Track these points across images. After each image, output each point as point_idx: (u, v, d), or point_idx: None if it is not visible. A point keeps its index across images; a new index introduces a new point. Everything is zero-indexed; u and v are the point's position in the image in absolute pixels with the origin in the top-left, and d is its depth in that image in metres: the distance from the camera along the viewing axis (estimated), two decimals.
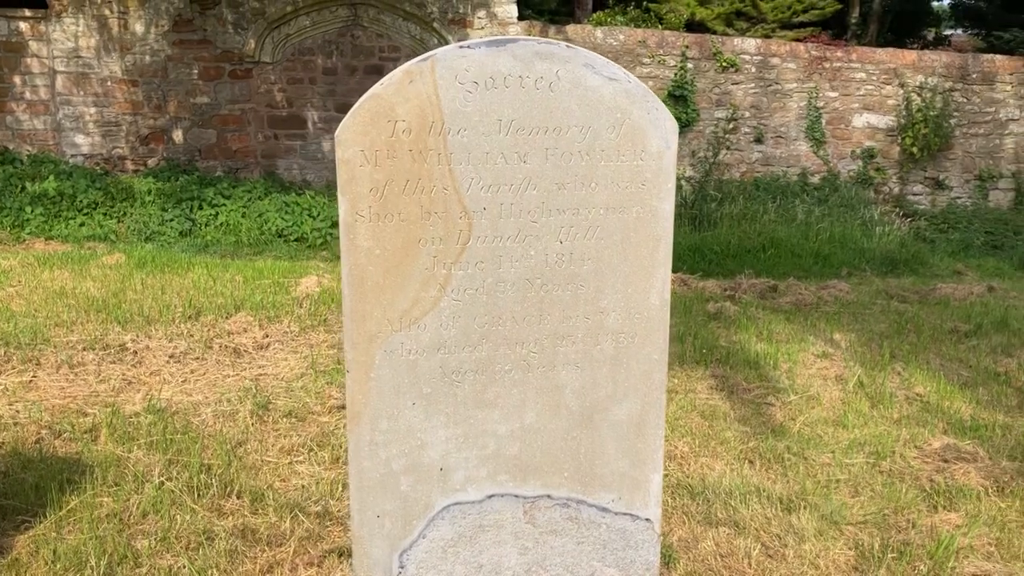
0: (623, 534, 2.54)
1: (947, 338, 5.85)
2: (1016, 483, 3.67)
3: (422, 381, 2.32)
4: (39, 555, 2.78)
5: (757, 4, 20.35)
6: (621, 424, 2.46)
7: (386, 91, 2.15)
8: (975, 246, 10.40)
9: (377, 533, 2.39)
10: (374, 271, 2.23)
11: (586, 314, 2.37)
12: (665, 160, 2.32)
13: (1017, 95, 11.76)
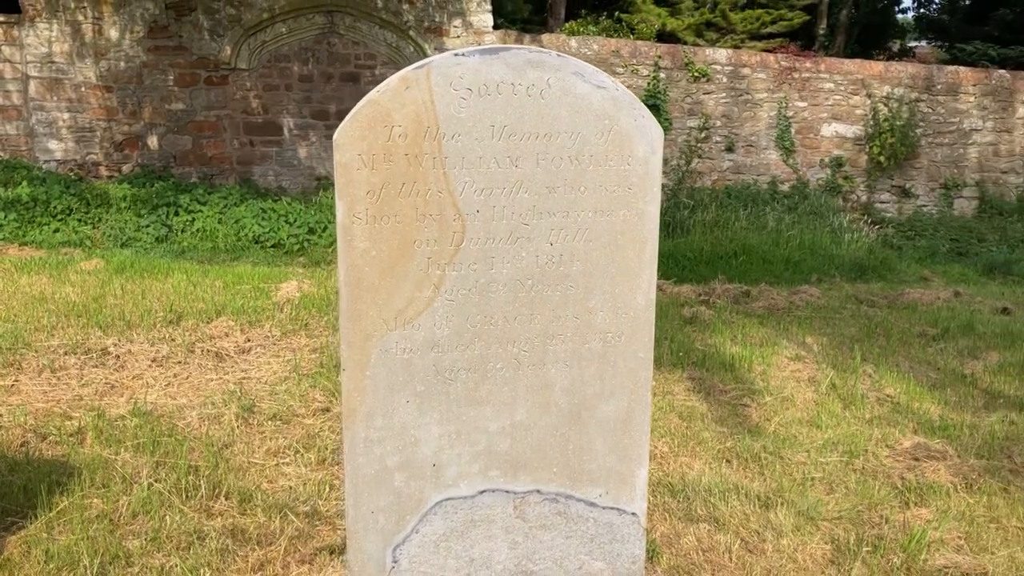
0: (610, 528, 2.61)
1: (915, 341, 6.00)
2: (983, 480, 3.79)
3: (416, 379, 2.39)
4: (31, 555, 2.81)
5: (727, 15, 20.64)
6: (608, 420, 2.54)
7: (383, 97, 2.22)
8: (941, 253, 10.62)
9: (371, 528, 2.45)
10: (370, 272, 2.30)
11: (575, 314, 2.45)
12: (651, 165, 2.41)
13: (980, 106, 12.03)
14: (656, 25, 19.71)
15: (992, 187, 12.16)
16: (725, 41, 20.27)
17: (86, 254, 7.51)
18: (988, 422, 4.52)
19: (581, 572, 2.62)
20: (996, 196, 12.13)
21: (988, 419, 4.57)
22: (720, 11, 20.51)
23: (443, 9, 10.46)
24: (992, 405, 4.81)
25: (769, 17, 20.95)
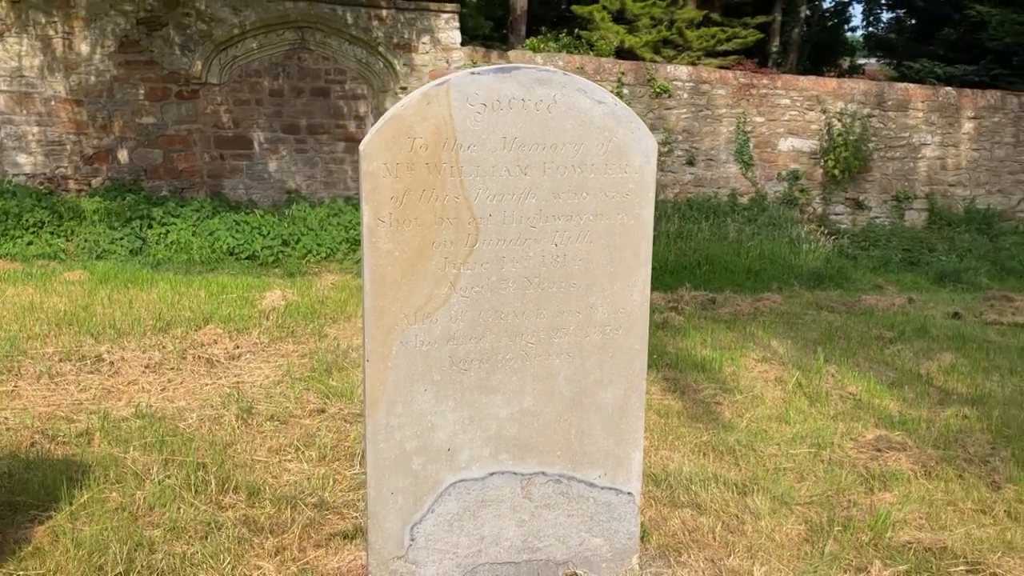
0: (608, 507, 2.84)
1: (873, 344, 6.33)
2: (941, 468, 4.09)
3: (433, 369, 2.59)
4: (59, 544, 2.96)
5: (684, 33, 21.08)
6: (607, 407, 2.77)
7: (406, 111, 2.43)
8: (894, 262, 11.05)
9: (391, 508, 2.64)
10: (393, 271, 2.50)
11: (577, 309, 2.67)
12: (646, 173, 2.65)
13: (928, 121, 12.53)
14: (615, 42, 20.06)
15: (941, 199, 12.66)
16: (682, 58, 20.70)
17: (63, 266, 7.59)
18: (943, 416, 4.83)
19: (582, 548, 2.84)
20: (944, 208, 12.63)
21: (943, 414, 4.88)
22: (677, 29, 20.94)
23: (412, 26, 10.68)
24: (946, 401, 5.13)
25: (724, 35, 21.42)
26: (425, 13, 10.79)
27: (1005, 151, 12.90)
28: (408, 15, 10.72)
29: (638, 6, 21.16)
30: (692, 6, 21.63)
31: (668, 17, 21.38)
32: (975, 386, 5.43)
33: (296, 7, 10.31)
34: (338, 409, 4.41)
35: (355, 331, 5.76)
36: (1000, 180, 12.95)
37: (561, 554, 2.82)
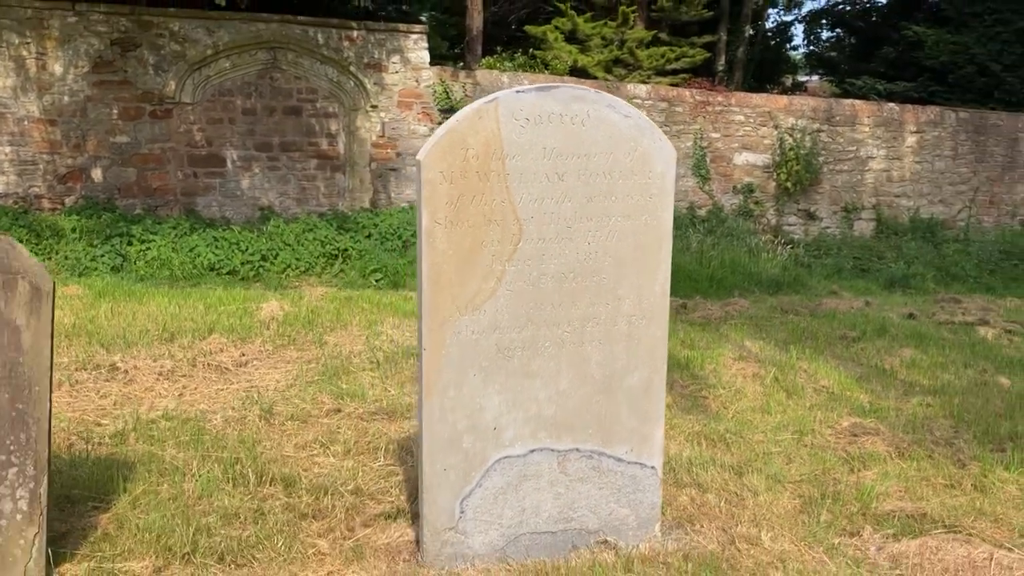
0: (634, 480, 3.15)
1: (839, 342, 6.75)
2: (912, 449, 4.46)
3: (482, 356, 2.89)
4: (124, 529, 3.17)
5: (634, 52, 21.63)
6: (633, 389, 3.08)
7: (460, 125, 2.74)
8: (846, 270, 11.59)
9: (444, 484, 2.93)
10: (447, 268, 2.80)
11: (607, 301, 2.99)
12: (667, 179, 2.98)
13: (874, 135, 13.16)
14: (568, 61, 20.54)
15: (887, 210, 13.28)
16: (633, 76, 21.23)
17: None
18: (909, 405, 5.24)
19: (611, 518, 3.14)
20: (891, 218, 13.25)
21: (909, 403, 5.29)
22: (628, 48, 21.47)
23: (382, 47, 10.96)
24: (910, 392, 5.54)
25: (673, 54, 22.01)
26: (395, 34, 11.08)
27: (945, 163, 13.58)
28: (378, 35, 11.00)
29: (589, 27, 21.67)
30: (641, 26, 22.19)
31: (618, 37, 21.90)
32: (935, 378, 5.87)
33: (268, 28, 10.54)
34: (353, 408, 4.66)
35: (354, 338, 6.00)
36: (941, 191, 13.62)
37: (593, 523, 3.13)
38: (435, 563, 2.95)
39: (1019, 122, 14.11)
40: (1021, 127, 14.03)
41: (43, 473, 2.71)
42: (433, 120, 11.28)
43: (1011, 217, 13.94)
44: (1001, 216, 13.91)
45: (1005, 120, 14.03)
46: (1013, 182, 13.99)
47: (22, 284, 2.63)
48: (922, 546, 3.22)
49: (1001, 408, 5.23)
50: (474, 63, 20.05)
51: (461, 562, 2.97)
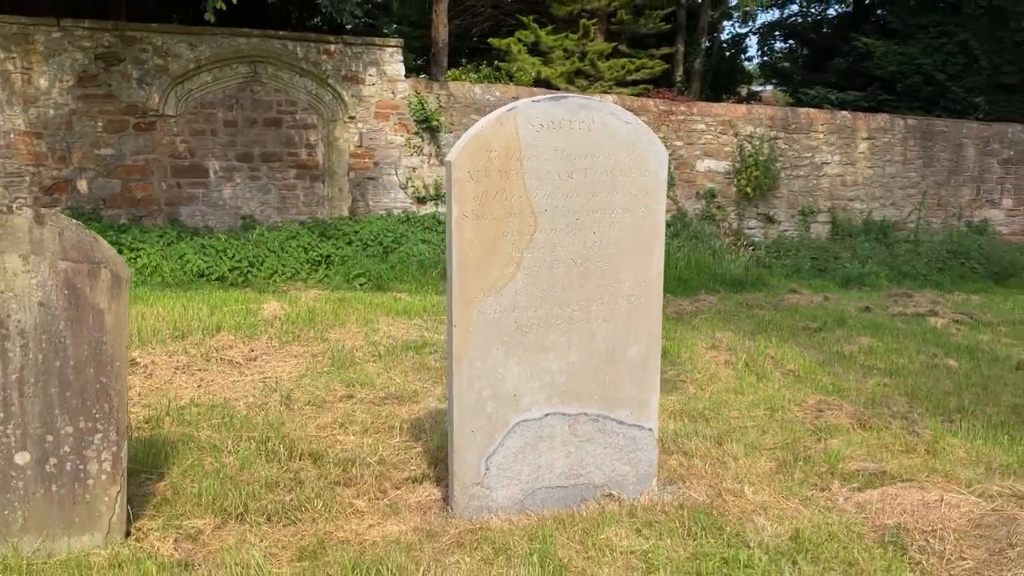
0: (633, 440, 3.59)
1: (801, 333, 7.27)
2: (872, 421, 4.95)
3: (503, 333, 3.31)
4: (180, 495, 3.55)
5: (596, 64, 22.19)
6: (632, 361, 3.53)
7: (485, 131, 3.17)
8: (804, 269, 12.17)
9: (471, 444, 3.35)
10: (474, 255, 3.22)
11: (609, 283, 3.44)
12: (660, 177, 3.44)
13: (828, 142, 13.80)
14: (532, 73, 21.05)
15: (841, 213, 13.92)
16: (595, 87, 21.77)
17: None
18: (868, 385, 5.75)
19: (614, 474, 3.58)
20: (845, 220, 13.89)
21: (868, 383, 5.80)
22: (589, 60, 22.03)
23: (359, 59, 11.34)
24: (869, 374, 6.06)
25: (633, 66, 22.61)
26: (371, 47, 11.47)
27: (895, 168, 14.27)
28: (355, 49, 11.38)
29: (551, 39, 22.19)
30: (601, 39, 22.77)
31: (580, 49, 22.44)
32: (890, 362, 6.40)
33: (249, 42, 10.87)
34: (364, 395, 5.05)
35: (353, 335, 6.39)
36: (892, 194, 14.30)
37: (599, 479, 3.56)
38: (464, 514, 3.37)
39: (963, 128, 14.86)
40: (965, 133, 14.79)
41: (123, 439, 3.09)
42: (409, 130, 11.68)
43: (957, 219, 14.67)
44: (948, 218, 14.64)
45: (950, 127, 14.77)
46: (958, 185, 14.74)
47: (104, 272, 3.00)
48: (883, 494, 3.70)
49: (950, 387, 5.77)
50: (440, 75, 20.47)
51: (486, 513, 3.39)
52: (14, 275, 2.91)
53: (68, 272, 2.96)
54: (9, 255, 2.91)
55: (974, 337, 7.40)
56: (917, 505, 3.52)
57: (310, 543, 3.17)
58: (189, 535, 3.21)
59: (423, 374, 5.54)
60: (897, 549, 3.22)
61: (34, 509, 2.99)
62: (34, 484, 2.98)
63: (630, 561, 3.06)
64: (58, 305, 2.96)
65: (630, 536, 3.24)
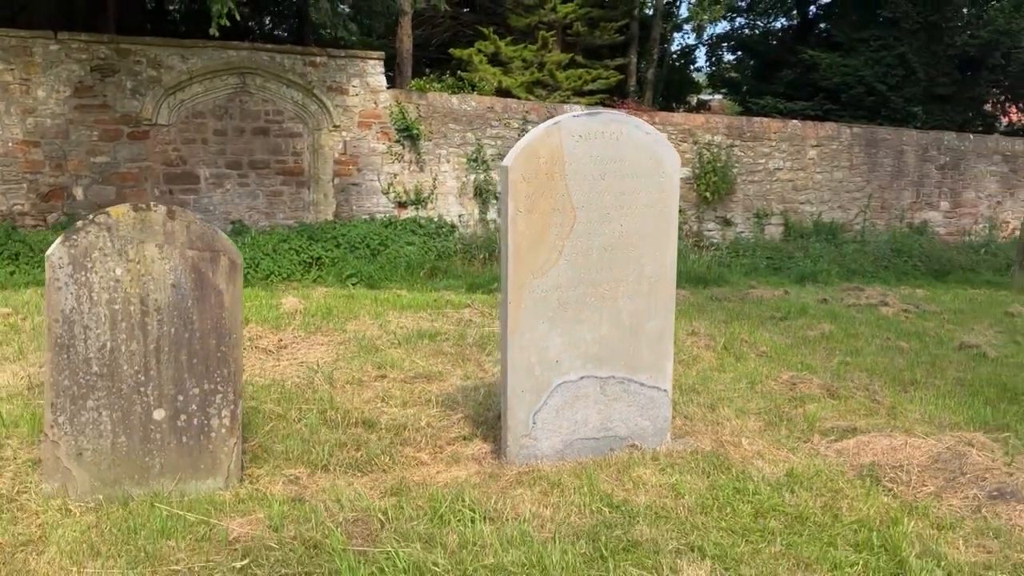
0: (652, 399, 4.28)
1: (768, 321, 8.05)
2: (839, 391, 5.70)
3: (548, 309, 3.98)
4: (270, 453, 4.14)
5: (554, 74, 22.96)
6: (651, 333, 4.22)
7: (534, 141, 3.84)
8: (761, 268, 13.02)
9: (521, 402, 4.00)
10: (524, 244, 3.88)
11: (634, 267, 4.12)
12: (674, 177, 4.14)
13: (780, 149, 14.71)
14: (493, 82, 21.75)
15: (793, 215, 14.84)
16: (553, 97, 22.51)
17: None
18: (832, 363, 6.52)
19: (636, 428, 4.26)
20: (796, 222, 14.80)
21: (832, 362, 6.57)
22: (548, 71, 22.79)
23: (344, 71, 11.92)
24: (832, 354, 6.83)
25: (590, 76, 23.43)
26: (355, 60, 12.06)
27: (843, 173, 15.24)
28: (340, 61, 11.96)
29: (511, 50, 22.91)
30: (558, 50, 23.56)
31: (539, 60, 23.19)
32: (849, 344, 7.19)
33: (238, 55, 11.39)
34: (395, 375, 5.67)
35: (368, 326, 6.99)
36: (840, 198, 15.27)
37: (623, 432, 4.24)
38: (516, 461, 4.02)
39: (903, 136, 15.89)
40: (905, 140, 15.82)
41: (239, 398, 3.69)
42: (390, 138, 12.29)
43: (899, 220, 15.69)
44: (891, 219, 15.65)
45: (892, 135, 15.79)
46: (900, 189, 15.76)
47: (223, 259, 3.60)
48: (857, 442, 4.44)
49: (903, 364, 6.56)
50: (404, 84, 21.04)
51: (534, 460, 4.05)
52: (152, 261, 3.50)
53: (194, 259, 3.56)
54: (148, 245, 3.49)
55: (921, 324, 8.26)
56: (886, 449, 4.26)
57: (392, 484, 3.80)
58: (290, 480, 3.82)
59: (441, 358, 6.17)
60: (872, 480, 3.95)
61: (168, 457, 3.58)
62: (168, 436, 3.57)
63: (661, 491, 3.74)
64: (186, 286, 3.55)
65: (656, 474, 3.93)
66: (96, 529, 3.22)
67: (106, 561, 2.98)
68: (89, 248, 3.43)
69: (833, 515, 3.54)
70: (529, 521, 3.40)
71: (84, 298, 3.43)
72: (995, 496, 3.72)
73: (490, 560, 3.06)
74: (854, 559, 3.16)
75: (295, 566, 3.00)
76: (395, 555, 3.04)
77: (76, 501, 3.44)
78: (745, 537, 3.33)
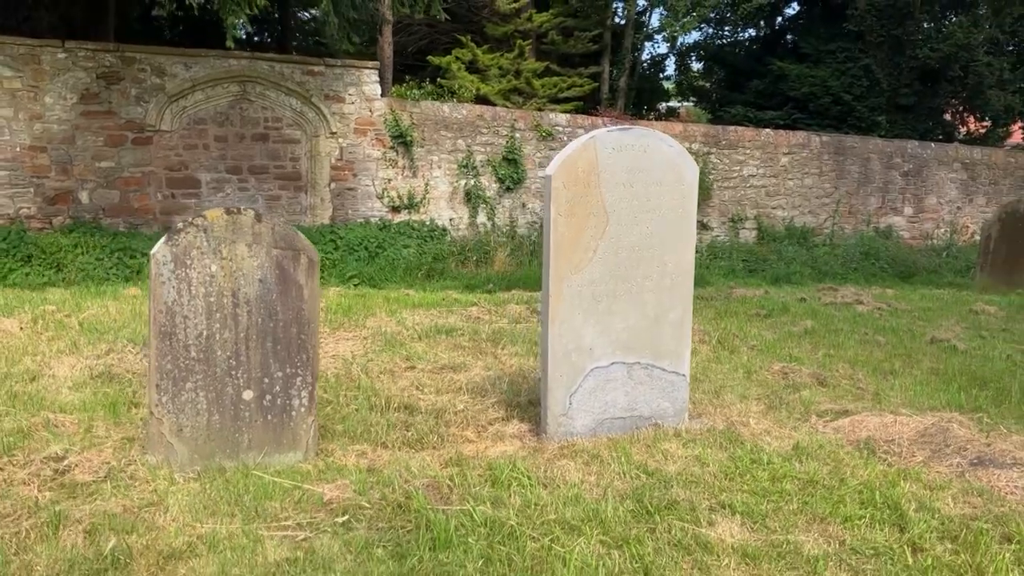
0: (672, 383, 4.80)
1: (755, 318, 8.63)
2: (827, 380, 6.27)
3: (583, 301, 4.48)
4: (333, 432, 4.59)
5: (531, 82, 23.51)
6: (672, 323, 4.74)
7: (573, 153, 4.34)
8: (738, 270, 13.65)
9: (559, 384, 4.50)
10: (564, 244, 4.39)
11: (657, 264, 4.64)
12: (693, 186, 4.66)
13: (753, 157, 15.38)
14: (472, 89, 22.25)
15: (766, 220, 15.51)
16: (530, 104, 23.06)
17: (91, 290, 8.77)
18: (818, 356, 7.09)
19: (658, 408, 4.78)
20: (769, 227, 15.47)
21: (817, 354, 7.15)
22: (525, 78, 23.34)
23: (340, 80, 12.35)
24: (817, 347, 7.41)
25: (565, 84, 24.03)
26: (351, 69, 12.50)
27: (812, 180, 15.95)
28: (337, 71, 12.39)
29: (488, 58, 23.43)
30: (533, 58, 24.12)
31: (515, 67, 23.72)
32: (831, 338, 7.78)
33: (239, 64, 11.78)
34: (423, 366, 6.14)
35: (385, 323, 7.45)
36: (810, 203, 15.97)
37: (647, 412, 4.76)
38: (554, 437, 4.52)
39: (869, 144, 16.64)
40: (871, 149, 16.57)
41: (315, 380, 4.15)
42: (385, 145, 12.73)
43: (866, 224, 16.43)
44: (859, 224, 16.39)
45: (858, 143, 16.54)
46: (867, 195, 16.50)
47: (303, 257, 4.06)
48: (852, 421, 5.00)
49: (882, 356, 7.15)
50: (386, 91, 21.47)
51: (570, 436, 4.55)
52: (242, 259, 3.95)
53: (278, 257, 4.02)
54: (238, 244, 3.95)
55: (894, 320, 8.88)
56: (878, 426, 4.83)
57: (450, 457, 4.28)
58: (359, 454, 4.28)
59: (461, 351, 6.65)
60: (869, 451, 4.50)
61: (255, 433, 4.03)
62: (256, 414, 4.02)
63: (687, 461, 4.26)
64: (271, 281, 4.01)
65: (681, 448, 4.45)
66: (204, 494, 3.67)
67: (223, 518, 3.43)
68: (188, 247, 3.88)
69: (839, 479, 4.08)
70: (578, 485, 3.90)
71: (184, 291, 3.87)
72: (976, 463, 4.29)
73: (552, 516, 3.55)
74: (861, 513, 3.70)
75: (388, 521, 3.47)
76: (472, 512, 3.52)
77: (178, 472, 3.88)
78: (766, 497, 3.85)
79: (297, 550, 3.20)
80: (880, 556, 3.35)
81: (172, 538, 3.24)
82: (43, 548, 3.12)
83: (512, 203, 13.72)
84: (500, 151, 13.50)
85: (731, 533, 3.48)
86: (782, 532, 3.51)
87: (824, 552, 3.35)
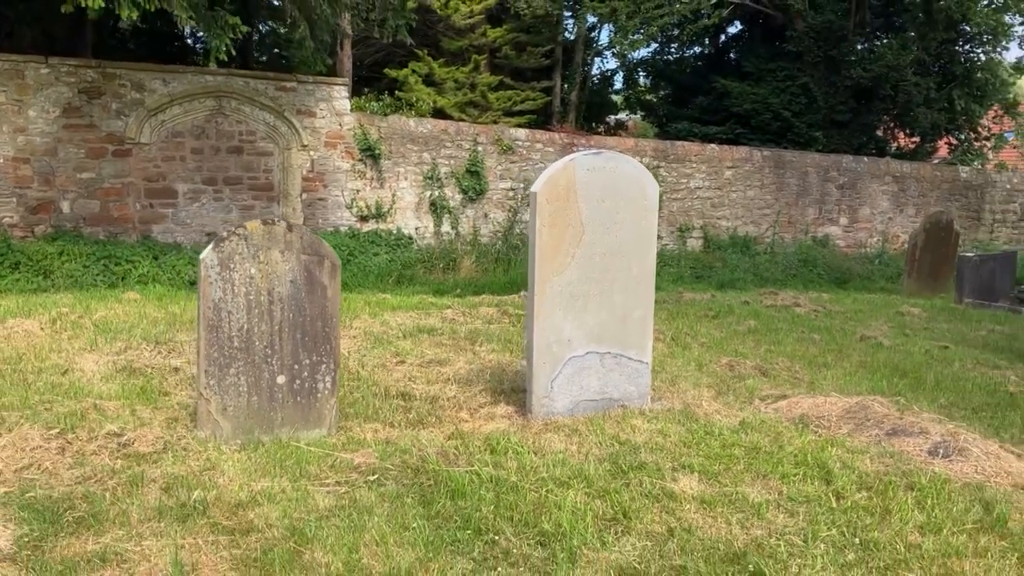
0: (637, 370, 5.59)
1: (704, 318, 9.49)
2: (769, 371, 7.12)
3: (563, 300, 5.25)
4: (345, 414, 5.28)
5: (486, 95, 24.28)
6: (636, 319, 5.52)
7: (555, 172, 5.11)
8: (685, 276, 14.56)
9: (542, 371, 5.26)
10: (547, 251, 5.15)
11: (624, 268, 5.42)
12: (654, 201, 5.46)
13: (700, 170, 16.35)
14: (429, 102, 22.94)
15: (712, 229, 16.48)
16: (485, 117, 23.82)
17: (87, 295, 9.30)
18: (760, 351, 7.96)
19: (625, 392, 5.56)
20: (715, 236, 16.45)
21: (760, 350, 8.01)
22: (480, 92, 24.11)
23: (312, 95, 12.99)
24: (759, 344, 8.28)
25: (519, 97, 24.85)
26: (322, 85, 13.14)
27: (755, 192, 16.97)
28: (308, 87, 13.03)
29: (444, 71, 24.16)
30: (488, 72, 24.92)
31: (470, 81, 24.48)
32: (771, 336, 8.66)
33: (215, 80, 12.36)
34: (412, 361, 6.84)
35: (370, 323, 8.13)
36: (752, 214, 16.99)
37: (615, 395, 5.53)
38: (538, 417, 5.27)
39: (807, 159, 17.74)
40: (809, 163, 17.67)
41: (337, 367, 4.84)
42: (354, 157, 13.39)
43: (804, 234, 17.51)
44: (797, 233, 17.46)
45: (797, 158, 17.63)
46: (805, 206, 17.59)
47: (327, 262, 4.76)
48: (789, 403, 5.84)
49: (816, 351, 8.04)
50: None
51: (551, 416, 5.30)
52: (276, 263, 4.64)
53: (306, 261, 4.71)
54: (273, 251, 4.63)
55: (828, 321, 9.81)
56: (811, 406, 5.67)
57: (451, 432, 5.00)
58: (373, 431, 4.98)
59: (444, 348, 7.37)
60: (803, 426, 5.33)
61: (287, 412, 4.72)
62: (287, 396, 4.71)
63: (652, 434, 5.05)
64: (300, 282, 4.70)
65: (646, 423, 5.23)
66: (251, 461, 4.34)
67: (274, 478, 4.12)
68: (231, 253, 4.56)
69: (778, 446, 4.90)
70: (563, 452, 4.65)
71: (228, 290, 4.55)
72: (891, 433, 5.15)
73: (545, 474, 4.30)
74: (796, 471, 4.51)
75: (411, 479, 4.19)
76: (478, 472, 4.25)
77: (224, 444, 4.54)
78: (718, 460, 4.64)
79: (342, 499, 3.90)
80: (810, 502, 4.16)
81: (236, 493, 3.92)
82: (131, 500, 3.78)
83: (475, 213, 14.47)
84: (463, 164, 14.25)
85: (691, 486, 4.26)
86: (732, 485, 4.30)
87: (766, 500, 4.14)
